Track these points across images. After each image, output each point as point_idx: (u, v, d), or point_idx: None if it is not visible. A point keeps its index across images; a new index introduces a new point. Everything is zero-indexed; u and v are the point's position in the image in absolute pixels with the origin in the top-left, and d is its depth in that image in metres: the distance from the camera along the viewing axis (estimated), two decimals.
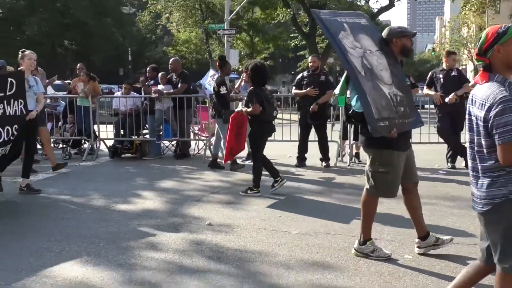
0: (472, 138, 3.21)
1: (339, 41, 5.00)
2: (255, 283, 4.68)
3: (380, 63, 5.14)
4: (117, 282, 4.71)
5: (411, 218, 5.38)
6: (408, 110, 5.12)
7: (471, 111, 3.19)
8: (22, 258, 5.27)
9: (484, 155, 3.14)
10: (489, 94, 3.02)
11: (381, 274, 4.86)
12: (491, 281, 3.91)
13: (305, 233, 6.20)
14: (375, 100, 4.79)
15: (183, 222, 6.71)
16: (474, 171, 3.27)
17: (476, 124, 3.13)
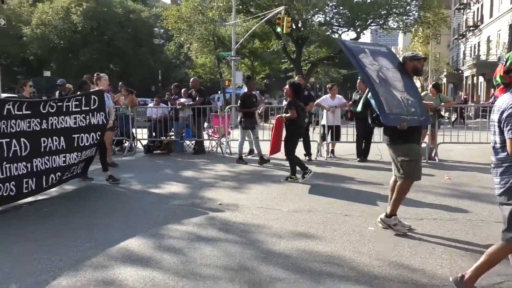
0: (493, 139, 3.35)
1: (359, 59, 5.08)
2: (255, 249, 4.67)
3: (394, 76, 5.22)
4: (150, 248, 4.72)
5: (391, 198, 5.35)
6: (419, 111, 5.16)
7: (492, 118, 3.34)
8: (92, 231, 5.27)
9: (498, 149, 3.30)
10: (504, 102, 3.19)
11: (351, 241, 4.85)
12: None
13: (292, 211, 6.19)
14: (387, 100, 4.86)
15: (200, 202, 6.71)
16: (493, 164, 3.40)
17: (493, 126, 3.30)
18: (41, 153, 6.22)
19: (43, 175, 6.35)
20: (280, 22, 24.37)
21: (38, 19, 45.13)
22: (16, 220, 5.85)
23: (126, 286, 3.78)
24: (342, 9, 32.53)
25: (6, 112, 5.68)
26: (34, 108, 6.13)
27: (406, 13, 32.45)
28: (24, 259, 4.37)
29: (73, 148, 6.80)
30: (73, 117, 6.79)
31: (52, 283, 3.82)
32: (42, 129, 6.25)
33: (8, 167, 5.67)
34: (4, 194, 5.72)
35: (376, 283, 3.81)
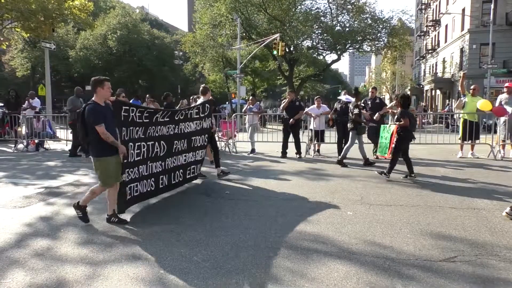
0: None
1: None
2: (255, 229, 4.63)
3: None
4: (171, 228, 4.67)
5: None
6: None
7: None
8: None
9: None
10: None
11: (333, 223, 4.81)
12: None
13: (286, 199, 6.16)
14: None
15: (211, 192, 6.66)
16: None
17: None
18: (172, 153, 6.13)
19: (172, 172, 6.22)
20: (276, 46, 24.54)
21: (81, 44, 45.08)
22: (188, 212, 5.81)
23: (151, 260, 3.75)
24: (325, 36, 32.47)
25: (154, 119, 5.59)
26: (171, 116, 6.05)
27: (377, 39, 32.49)
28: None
29: (190, 149, 6.69)
30: (194, 123, 6.71)
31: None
32: (175, 133, 6.16)
33: (151, 165, 5.57)
34: (148, 190, 5.58)
35: (354, 258, 3.77)
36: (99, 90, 4.68)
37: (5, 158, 10.81)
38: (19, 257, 3.77)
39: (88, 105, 4.62)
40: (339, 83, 71.48)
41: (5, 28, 20.34)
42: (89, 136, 4.62)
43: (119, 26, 46.14)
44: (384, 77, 63.71)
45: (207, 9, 32.92)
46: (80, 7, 19.27)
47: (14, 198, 6.12)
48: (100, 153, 4.66)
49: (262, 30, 31.38)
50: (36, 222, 4.91)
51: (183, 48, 38.22)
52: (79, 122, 4.66)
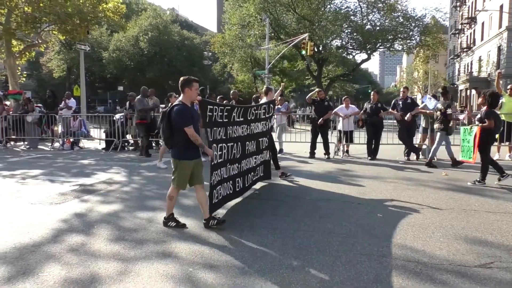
0: None
1: None
2: (283, 230, 4.62)
3: None
4: (200, 227, 4.71)
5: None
6: None
7: None
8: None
9: None
10: None
11: (362, 225, 4.73)
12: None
13: (315, 199, 6.11)
14: None
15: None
16: None
17: None
18: (245, 155, 5.83)
19: (245, 175, 5.93)
20: (305, 46, 24.40)
21: (114, 45, 46.37)
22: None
23: (180, 258, 3.80)
24: (355, 35, 32.05)
25: (232, 118, 5.33)
26: (244, 116, 5.76)
27: (409, 38, 31.76)
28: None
29: (258, 151, 6.43)
30: (261, 123, 6.46)
31: None
32: (247, 134, 5.89)
33: (229, 168, 5.31)
34: (228, 193, 5.32)
35: (384, 261, 3.70)
36: (186, 90, 4.52)
37: (43, 156, 11.24)
38: (55, 252, 3.90)
39: (176, 106, 4.46)
40: (369, 83, 70.32)
41: (43, 31, 21.14)
42: (175, 137, 4.49)
43: (150, 27, 47.15)
44: (416, 77, 62.21)
45: (236, 10, 33.12)
46: (114, 9, 19.82)
47: (50, 194, 6.35)
48: (182, 155, 4.53)
49: (290, 30, 31.28)
50: (71, 218, 5.08)
51: (212, 48, 38.63)
52: (164, 122, 4.52)
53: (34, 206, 5.65)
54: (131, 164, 9.58)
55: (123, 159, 10.57)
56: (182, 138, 4.45)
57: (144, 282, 3.25)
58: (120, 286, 3.19)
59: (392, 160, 9.99)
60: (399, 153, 10.53)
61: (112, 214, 5.24)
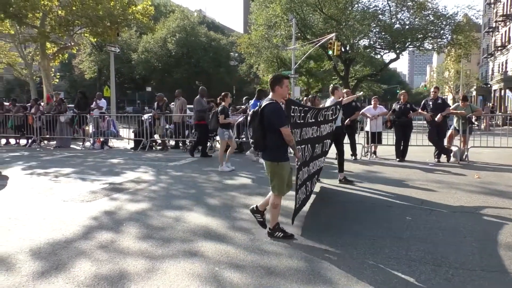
0: None
1: None
2: (309, 231, 4.58)
3: None
4: (226, 227, 4.76)
5: None
6: None
7: None
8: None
9: None
10: None
11: (391, 228, 4.63)
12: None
13: (343, 201, 6.03)
14: None
15: (265, 192, 6.63)
16: None
17: None
18: (313, 157, 5.52)
19: (312, 178, 5.64)
20: (332, 46, 24.16)
21: (143, 47, 47.34)
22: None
23: (206, 257, 3.83)
24: (383, 34, 31.44)
25: (306, 120, 5.04)
26: (316, 117, 5.51)
27: (440, 36, 30.87)
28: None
29: (323, 153, 6.15)
30: (328, 125, 6.13)
31: None
32: (316, 136, 5.56)
33: (303, 171, 4.95)
34: (303, 197, 5.07)
35: (413, 265, 3.61)
36: (277, 88, 4.26)
37: (74, 155, 11.59)
38: (86, 248, 4.01)
39: (269, 104, 4.17)
40: (398, 83, 68.96)
41: (76, 33, 21.80)
42: (267, 138, 4.19)
43: (178, 29, 47.87)
44: (446, 76, 60.51)
45: (262, 10, 33.14)
46: (143, 11, 20.21)
47: (81, 192, 6.54)
48: (279, 157, 4.24)
49: (317, 30, 31.04)
50: (101, 216, 5.21)
51: (239, 49, 38.82)
52: (254, 122, 4.24)
53: (66, 204, 5.84)
54: (158, 164, 9.74)
55: (151, 159, 10.76)
56: (277, 139, 4.16)
57: (171, 280, 3.30)
58: (148, 283, 3.25)
59: (421, 162, 9.75)
60: (429, 155, 10.27)
61: (140, 213, 5.34)
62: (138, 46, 47.76)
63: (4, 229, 4.62)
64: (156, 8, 32.38)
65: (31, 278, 3.32)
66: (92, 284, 3.22)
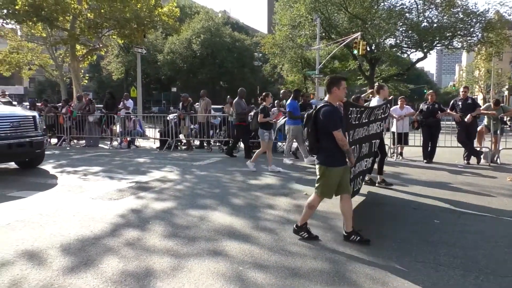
0: None
1: None
2: (334, 233, 4.54)
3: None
4: (250, 227, 4.76)
5: None
6: None
7: None
8: None
9: None
10: None
11: (417, 231, 4.52)
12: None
13: (366, 203, 5.95)
14: None
15: (289, 192, 6.66)
16: None
17: None
18: (360, 157, 5.38)
19: (356, 178, 5.40)
20: (357, 46, 23.89)
21: (168, 48, 48.06)
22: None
23: (230, 256, 3.85)
24: (410, 33, 30.79)
25: (360, 120, 4.97)
26: (368, 117, 5.40)
27: (469, 34, 29.96)
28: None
29: (370, 154, 5.96)
30: (377, 124, 5.94)
31: None
32: (364, 135, 5.40)
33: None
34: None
35: (441, 269, 3.52)
36: (334, 90, 4.15)
37: (102, 154, 11.88)
38: (114, 245, 4.10)
39: (323, 107, 4.11)
40: (425, 83, 67.39)
41: (104, 35, 22.35)
42: (321, 142, 4.13)
43: (202, 30, 48.35)
44: (476, 76, 58.72)
45: (286, 10, 33.07)
46: (168, 13, 20.53)
47: (109, 191, 6.69)
48: (331, 161, 4.12)
49: (342, 29, 30.72)
50: (128, 214, 5.32)
51: (263, 49, 38.88)
52: (309, 126, 4.18)
53: (94, 201, 5.98)
54: (183, 163, 9.86)
55: (176, 158, 10.90)
56: (330, 143, 4.06)
57: (196, 279, 3.33)
58: (173, 281, 3.29)
59: (450, 164, 9.50)
60: (458, 157, 10.00)
61: (166, 211, 5.42)
62: (164, 47, 48.51)
63: (36, 225, 4.78)
64: (181, 10, 32.80)
65: (61, 273, 3.43)
66: (119, 280, 3.30)
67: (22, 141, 8.02)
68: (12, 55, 28.22)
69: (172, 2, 21.32)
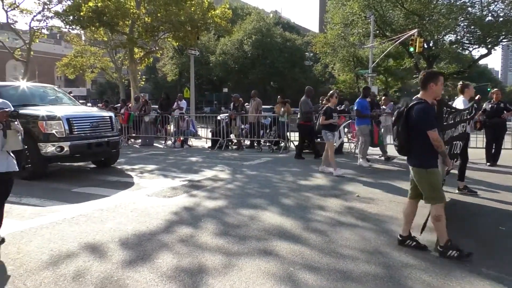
0: None
1: None
2: (387, 236, 4.40)
3: None
4: (300, 228, 4.73)
5: None
6: None
7: None
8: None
9: None
10: None
11: (483, 241, 4.26)
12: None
13: (422, 206, 5.69)
14: None
15: (341, 194, 6.54)
16: None
17: None
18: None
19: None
20: (413, 43, 22.95)
21: (220, 49, 49.05)
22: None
23: (281, 256, 3.85)
24: (473, 28, 29.11)
25: (451, 121, 4.76)
26: (455, 118, 5.03)
27: None
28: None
29: (451, 155, 5.27)
30: (461, 125, 5.57)
31: None
32: (449, 136, 5.12)
33: None
34: None
35: (505, 279, 3.29)
36: (431, 86, 3.85)
37: (157, 153, 12.35)
38: (168, 241, 4.25)
39: (417, 104, 3.81)
40: (488, 81, 63.30)
41: (160, 38, 23.24)
42: (413, 142, 3.84)
43: (254, 31, 48.81)
44: None
45: (339, 9, 32.55)
46: (221, 15, 20.94)
47: (164, 188, 6.94)
48: (428, 163, 3.80)
49: (397, 26, 29.70)
50: (181, 211, 5.48)
51: (314, 49, 38.53)
52: (399, 124, 3.92)
53: (150, 198, 6.24)
54: (234, 163, 10.01)
55: (227, 158, 11.09)
56: (423, 143, 3.76)
57: (247, 277, 3.37)
58: (224, 278, 3.35)
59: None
60: None
61: (217, 210, 5.53)
62: (216, 49, 49.55)
63: (97, 219, 5.07)
64: (233, 11, 33.33)
65: (120, 266, 3.61)
66: (173, 275, 3.41)
67: (100, 140, 8.30)
68: (76, 59, 30.19)
69: (225, 4, 21.72)
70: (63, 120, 7.68)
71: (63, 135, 7.65)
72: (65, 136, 7.67)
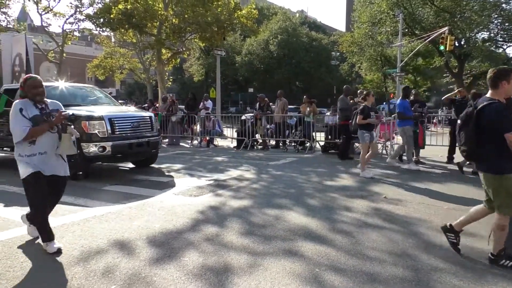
0: None
1: None
2: (416, 239, 4.31)
3: None
4: (326, 229, 4.70)
5: None
6: None
7: None
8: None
9: None
10: None
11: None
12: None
13: (452, 208, 5.55)
14: None
15: (367, 195, 6.45)
16: None
17: None
18: None
19: None
20: (444, 41, 22.31)
21: (246, 49, 49.20)
22: None
23: (306, 257, 3.83)
24: (507, 25, 28.06)
25: None
26: None
27: None
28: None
29: None
30: None
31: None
32: None
33: None
34: None
35: None
36: (503, 84, 3.54)
37: (184, 153, 12.52)
38: (194, 240, 4.30)
39: (490, 104, 3.47)
40: None
41: (187, 39, 23.54)
42: (484, 145, 3.51)
43: (280, 31, 48.71)
44: None
45: (366, 7, 32.08)
46: (247, 15, 21.00)
47: (190, 187, 7.03)
48: (503, 168, 3.47)
49: (427, 24, 28.97)
50: (207, 210, 5.54)
51: (340, 48, 38.15)
52: (468, 127, 3.59)
53: (176, 197, 6.33)
54: (259, 163, 10.03)
55: (252, 157, 11.12)
56: (497, 146, 3.43)
57: (272, 277, 3.37)
58: (250, 278, 3.36)
59: None
60: None
61: (243, 209, 5.55)
62: (242, 49, 49.74)
63: (126, 217, 5.18)
64: (259, 11, 33.40)
65: (147, 263, 3.68)
66: (199, 273, 3.45)
67: (141, 141, 8.30)
68: (106, 60, 31.01)
69: (251, 4, 21.77)
70: (106, 120, 7.67)
71: (105, 135, 7.63)
72: (107, 136, 7.64)
